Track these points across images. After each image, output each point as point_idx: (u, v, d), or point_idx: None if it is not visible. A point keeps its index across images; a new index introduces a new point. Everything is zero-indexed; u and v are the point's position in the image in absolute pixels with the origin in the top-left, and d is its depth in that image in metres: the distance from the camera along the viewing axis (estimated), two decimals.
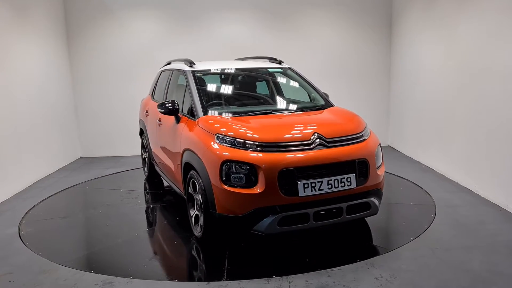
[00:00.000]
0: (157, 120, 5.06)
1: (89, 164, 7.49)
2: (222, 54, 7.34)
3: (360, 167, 3.64)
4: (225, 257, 3.71)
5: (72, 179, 6.44)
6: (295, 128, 3.80)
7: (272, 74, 5.21)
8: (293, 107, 4.67)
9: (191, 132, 4.02)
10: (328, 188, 3.47)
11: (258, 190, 3.35)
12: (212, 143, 3.61)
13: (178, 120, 4.42)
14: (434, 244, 3.80)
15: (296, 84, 5.02)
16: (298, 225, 3.48)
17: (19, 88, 6.01)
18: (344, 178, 3.53)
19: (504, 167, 4.61)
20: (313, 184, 3.43)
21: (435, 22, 6.20)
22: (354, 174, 3.59)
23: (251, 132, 3.62)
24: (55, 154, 7.08)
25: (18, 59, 6.05)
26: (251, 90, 4.96)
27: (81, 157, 8.06)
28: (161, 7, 7.76)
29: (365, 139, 3.86)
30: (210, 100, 4.45)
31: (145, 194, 5.69)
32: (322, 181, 3.45)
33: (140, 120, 6.26)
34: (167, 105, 4.36)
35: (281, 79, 5.23)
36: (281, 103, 5.00)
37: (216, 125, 3.79)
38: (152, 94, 5.95)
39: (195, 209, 3.99)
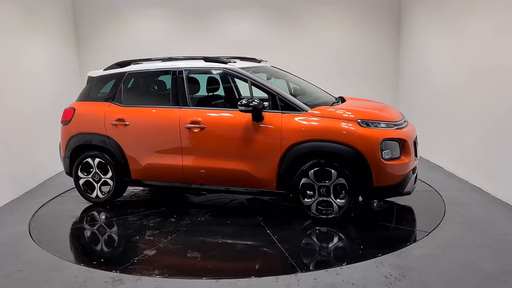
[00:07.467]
0: (187, 125, 4.52)
1: None
2: (227, 53, 7.35)
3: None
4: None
5: None
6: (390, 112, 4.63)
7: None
8: (334, 98, 5.06)
9: (307, 124, 4.21)
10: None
11: (406, 159, 4.19)
12: (359, 128, 4.10)
13: (260, 118, 4.29)
14: (443, 242, 3.78)
15: (284, 80, 5.25)
16: (414, 183, 4.45)
17: (28, 87, 6.06)
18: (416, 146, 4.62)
19: None
20: (417, 151, 4.49)
21: (444, 19, 6.15)
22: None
23: (384, 116, 4.35)
24: None
25: (27, 59, 6.10)
26: (286, 85, 5.16)
27: None
28: (169, 6, 7.79)
29: None
30: None
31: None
32: (417, 148, 4.54)
33: (87, 134, 5.01)
34: (257, 104, 4.17)
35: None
36: (322, 95, 5.08)
37: (357, 111, 4.32)
38: (112, 100, 4.95)
39: (316, 197, 4.26)
